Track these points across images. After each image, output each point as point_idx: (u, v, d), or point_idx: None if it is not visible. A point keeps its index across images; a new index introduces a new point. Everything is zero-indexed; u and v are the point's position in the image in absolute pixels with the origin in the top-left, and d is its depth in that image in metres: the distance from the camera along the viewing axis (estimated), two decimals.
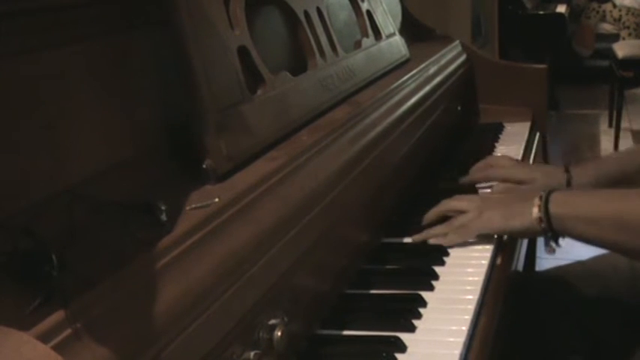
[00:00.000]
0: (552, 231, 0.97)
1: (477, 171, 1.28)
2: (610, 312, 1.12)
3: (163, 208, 0.63)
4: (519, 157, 1.47)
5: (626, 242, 0.92)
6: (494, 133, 1.65)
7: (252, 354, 0.66)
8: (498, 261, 1.02)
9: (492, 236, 1.04)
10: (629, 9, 5.52)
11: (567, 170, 1.18)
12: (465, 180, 1.27)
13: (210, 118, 0.76)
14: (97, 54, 0.71)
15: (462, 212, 1.04)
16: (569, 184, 1.16)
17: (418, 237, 1.06)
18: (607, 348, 1.10)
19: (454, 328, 0.82)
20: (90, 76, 0.69)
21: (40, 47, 0.63)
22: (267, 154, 0.84)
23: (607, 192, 1.02)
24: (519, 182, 1.21)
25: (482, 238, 1.04)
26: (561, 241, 0.99)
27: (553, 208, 0.96)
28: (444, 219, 1.07)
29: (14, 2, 0.60)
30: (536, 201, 0.97)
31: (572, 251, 1.03)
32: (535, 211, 0.97)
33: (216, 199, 0.68)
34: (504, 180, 1.23)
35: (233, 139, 0.78)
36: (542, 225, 0.96)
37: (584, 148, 4.12)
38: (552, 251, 0.99)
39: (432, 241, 1.04)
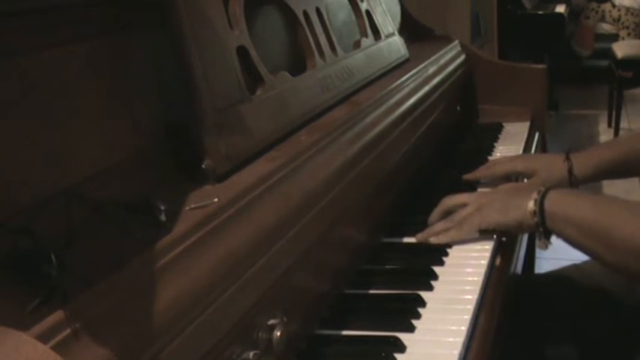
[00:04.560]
0: (544, 227, 0.97)
1: (480, 170, 1.29)
2: (607, 314, 1.12)
3: (162, 208, 0.63)
4: None
5: (606, 255, 0.92)
6: (493, 133, 1.65)
7: (251, 354, 0.66)
8: (497, 261, 1.02)
9: (492, 236, 1.04)
10: (628, 9, 5.53)
11: (568, 158, 1.18)
12: (469, 176, 1.27)
13: (210, 118, 0.76)
14: (97, 54, 0.71)
15: (463, 207, 1.05)
16: (570, 172, 1.16)
17: (420, 236, 1.07)
18: (604, 350, 1.10)
19: (453, 328, 0.82)
20: (90, 76, 0.69)
21: (40, 47, 0.63)
22: (267, 154, 0.84)
23: (603, 201, 1.01)
24: (521, 174, 1.21)
25: (482, 238, 1.04)
26: (554, 239, 0.99)
27: (547, 205, 0.96)
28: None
29: (14, 2, 0.60)
30: (534, 195, 0.97)
31: (572, 252, 1.03)
32: (530, 205, 0.97)
33: (216, 199, 0.68)
34: (506, 174, 1.23)
35: (232, 139, 0.78)
36: (535, 219, 0.97)
37: (583, 149, 4.10)
38: (544, 247, 0.99)
39: (433, 240, 1.05)
